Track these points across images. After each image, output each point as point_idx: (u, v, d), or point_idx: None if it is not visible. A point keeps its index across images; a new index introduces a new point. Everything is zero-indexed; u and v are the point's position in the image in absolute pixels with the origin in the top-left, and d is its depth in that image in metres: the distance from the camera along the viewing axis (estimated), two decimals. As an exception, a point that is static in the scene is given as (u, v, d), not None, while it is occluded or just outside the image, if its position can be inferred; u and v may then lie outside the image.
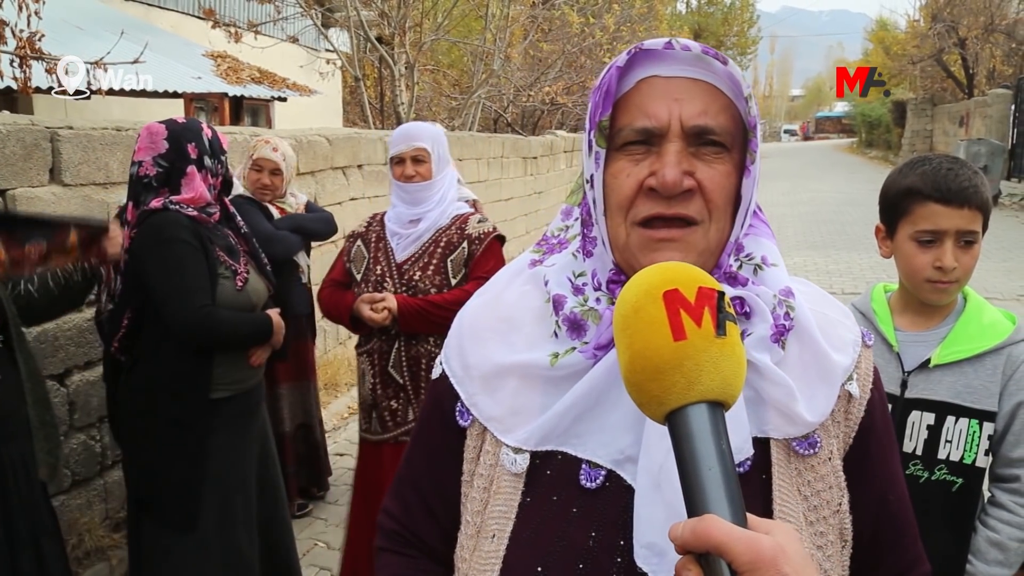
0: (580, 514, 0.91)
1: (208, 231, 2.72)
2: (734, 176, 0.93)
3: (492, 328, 1.03)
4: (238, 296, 2.72)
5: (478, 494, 0.98)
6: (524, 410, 0.96)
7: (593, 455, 0.93)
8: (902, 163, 1.89)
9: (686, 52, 0.92)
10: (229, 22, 10.81)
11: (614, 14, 17.91)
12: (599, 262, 0.98)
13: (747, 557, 0.60)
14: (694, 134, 0.91)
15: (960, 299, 1.87)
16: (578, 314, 0.95)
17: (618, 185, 0.93)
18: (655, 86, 0.92)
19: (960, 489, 1.77)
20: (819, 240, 13.06)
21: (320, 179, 6.29)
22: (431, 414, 1.09)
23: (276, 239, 3.88)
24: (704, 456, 0.64)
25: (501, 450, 0.97)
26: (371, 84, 14.87)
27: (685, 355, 0.67)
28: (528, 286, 1.04)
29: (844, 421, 0.98)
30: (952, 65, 27.98)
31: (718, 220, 0.92)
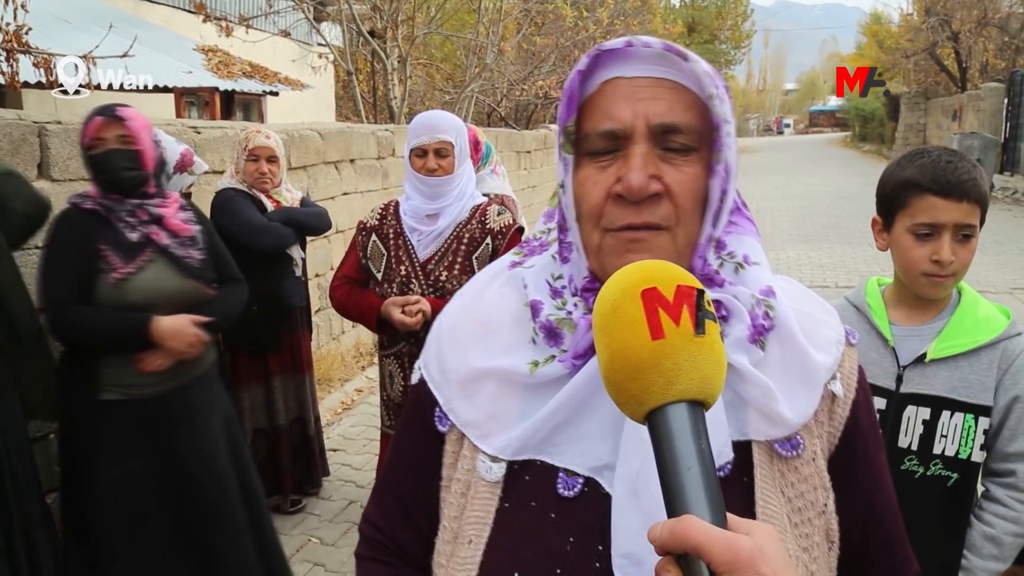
0: (558, 520, 0.91)
1: (103, 224, 2.66)
2: (703, 178, 0.91)
3: (470, 332, 1.02)
4: (113, 293, 2.61)
5: (455, 499, 0.97)
6: (502, 415, 0.95)
7: (571, 463, 0.92)
8: (900, 155, 1.87)
9: (647, 50, 0.90)
10: (220, 16, 10.75)
11: (607, 8, 17.87)
12: (575, 268, 0.97)
13: (725, 558, 0.59)
14: (660, 133, 0.89)
15: (955, 293, 1.85)
16: (553, 322, 0.94)
17: (586, 193, 0.92)
18: (618, 87, 0.91)
19: (955, 484, 1.77)
20: (813, 234, 13.08)
21: (312, 174, 6.26)
22: (410, 420, 1.08)
23: (267, 231, 3.87)
24: (683, 456, 0.64)
25: (478, 457, 0.96)
26: (364, 78, 14.82)
27: (663, 354, 0.66)
28: (507, 288, 1.03)
29: (828, 421, 0.96)
30: (945, 59, 28.01)
31: (686, 224, 0.91)
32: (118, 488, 2.66)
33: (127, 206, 2.70)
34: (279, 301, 4.04)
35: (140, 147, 2.68)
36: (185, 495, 2.74)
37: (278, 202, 4.02)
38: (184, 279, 2.75)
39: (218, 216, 3.90)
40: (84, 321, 2.59)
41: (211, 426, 2.85)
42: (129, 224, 2.69)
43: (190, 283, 2.76)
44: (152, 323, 2.61)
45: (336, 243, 6.71)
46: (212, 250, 2.92)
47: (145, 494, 2.69)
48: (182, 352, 2.67)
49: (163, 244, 2.72)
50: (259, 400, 4.11)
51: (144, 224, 2.70)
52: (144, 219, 2.71)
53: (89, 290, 2.61)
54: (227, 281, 2.97)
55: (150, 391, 2.70)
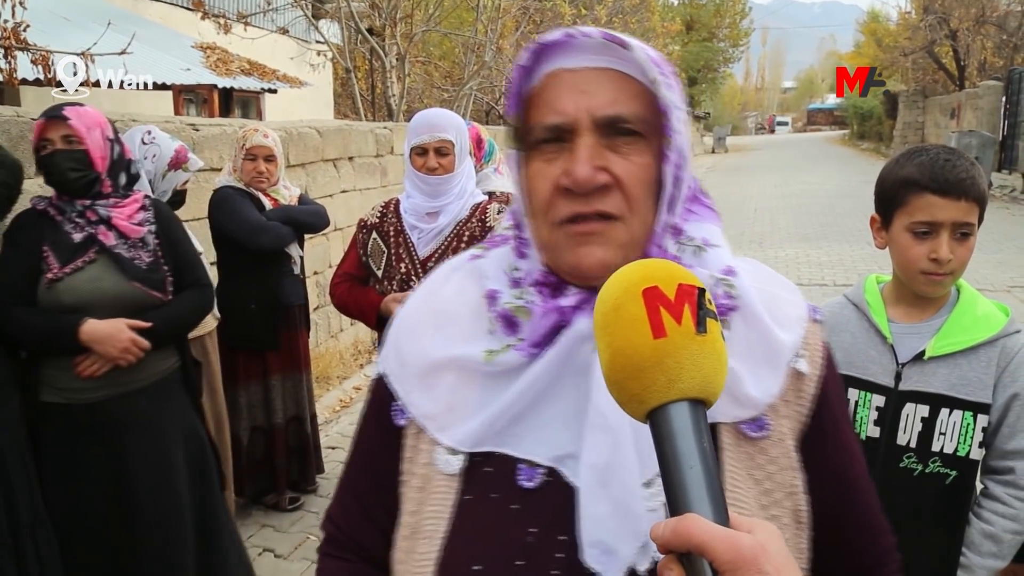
0: (519, 511, 0.90)
1: (50, 225, 2.62)
2: (653, 165, 0.90)
3: (428, 323, 1.01)
4: (47, 294, 2.57)
5: (414, 494, 0.96)
6: (461, 406, 0.95)
7: (531, 454, 0.92)
8: (898, 153, 1.87)
9: (588, 40, 0.89)
10: (219, 13, 10.73)
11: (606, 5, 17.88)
12: (532, 263, 0.97)
13: (728, 556, 0.59)
14: (606, 124, 0.88)
15: (954, 291, 1.86)
16: (510, 311, 0.94)
17: (536, 187, 0.91)
18: (561, 80, 0.90)
19: (954, 482, 1.77)
20: (811, 232, 13.09)
21: (311, 171, 6.26)
22: (369, 414, 1.07)
23: (265, 229, 3.86)
24: (685, 454, 0.64)
25: (435, 450, 0.95)
26: (362, 76, 14.80)
27: (665, 353, 0.66)
28: (466, 280, 1.02)
29: (796, 400, 0.96)
30: (943, 57, 28.02)
31: (639, 212, 0.90)
32: (59, 493, 2.60)
33: (77, 207, 2.62)
34: (277, 299, 4.04)
35: (86, 146, 2.60)
36: (128, 506, 2.65)
37: (276, 200, 4.01)
38: (127, 282, 2.64)
39: (216, 214, 3.90)
40: (20, 322, 2.53)
41: (163, 437, 2.74)
42: (77, 225, 2.62)
43: (133, 286, 2.65)
44: (82, 326, 2.53)
45: (335, 241, 6.71)
46: (173, 253, 2.79)
47: (85, 502, 2.62)
48: (115, 358, 2.56)
49: (108, 245, 2.62)
50: (257, 398, 4.11)
51: (92, 225, 2.62)
52: (92, 220, 2.63)
53: (33, 291, 2.57)
54: (190, 286, 2.84)
55: (90, 396, 2.61)
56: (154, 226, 2.74)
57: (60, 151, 2.58)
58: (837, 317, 1.92)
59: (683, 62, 41.86)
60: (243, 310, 3.94)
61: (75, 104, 2.70)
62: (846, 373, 1.85)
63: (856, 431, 1.83)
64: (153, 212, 2.77)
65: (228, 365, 4.01)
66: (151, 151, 3.33)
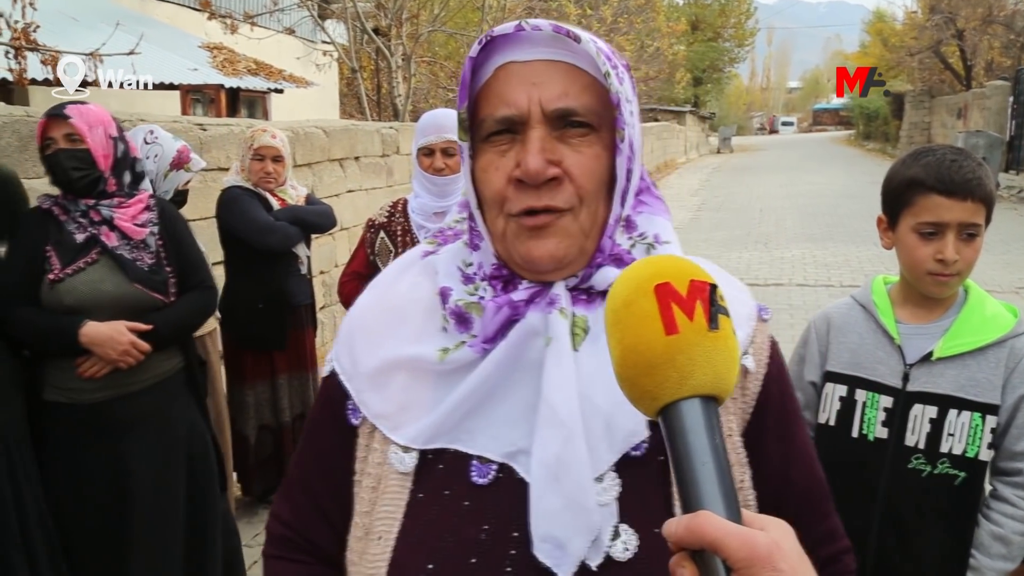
0: (472, 508, 0.90)
1: (55, 225, 2.63)
2: (605, 157, 0.91)
3: (381, 322, 1.01)
4: (49, 295, 2.57)
5: (366, 494, 0.96)
6: (414, 405, 0.95)
7: (483, 450, 0.92)
8: (905, 154, 1.87)
9: (539, 33, 0.89)
10: (225, 13, 10.76)
11: (611, 5, 17.88)
12: (484, 255, 0.97)
13: (742, 554, 0.58)
14: (556, 117, 0.89)
15: (961, 291, 1.85)
16: (462, 307, 0.94)
17: (488, 179, 0.91)
18: (512, 72, 0.90)
19: (963, 483, 1.76)
20: (817, 233, 13.06)
21: (317, 171, 6.27)
22: (321, 413, 1.06)
23: (274, 230, 3.88)
24: (698, 451, 0.63)
25: (389, 448, 0.95)
26: (368, 76, 14.81)
27: (678, 349, 0.65)
28: (419, 278, 1.02)
29: (741, 397, 0.97)
30: (950, 57, 27.94)
31: (590, 204, 0.91)
32: (61, 491, 2.61)
33: (81, 206, 2.63)
34: (285, 299, 4.06)
35: (88, 145, 2.59)
36: (127, 506, 2.65)
37: (284, 200, 4.02)
38: (128, 283, 2.63)
39: (224, 214, 3.92)
40: (22, 322, 2.53)
41: (164, 437, 2.73)
42: (80, 225, 2.62)
43: (134, 288, 2.64)
44: (82, 328, 2.53)
45: (341, 240, 6.73)
46: (177, 254, 2.78)
47: (85, 500, 2.63)
48: (115, 360, 2.57)
49: (110, 246, 2.62)
50: (265, 397, 4.12)
51: (95, 225, 2.62)
52: (96, 220, 2.63)
53: (36, 291, 2.57)
54: (193, 287, 2.83)
55: (91, 397, 2.62)
56: (157, 227, 2.73)
57: (63, 150, 2.58)
58: (844, 318, 1.92)
59: (688, 62, 41.83)
60: (251, 310, 3.95)
61: (78, 103, 2.69)
62: (853, 374, 1.86)
63: (864, 432, 1.83)
64: (158, 212, 2.76)
65: (235, 364, 4.03)
66: (153, 151, 3.33)
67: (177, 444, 2.77)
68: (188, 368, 2.89)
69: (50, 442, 2.63)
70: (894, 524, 1.81)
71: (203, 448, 2.88)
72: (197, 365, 2.93)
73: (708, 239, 12.86)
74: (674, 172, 27.86)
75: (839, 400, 1.87)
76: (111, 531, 2.66)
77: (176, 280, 2.77)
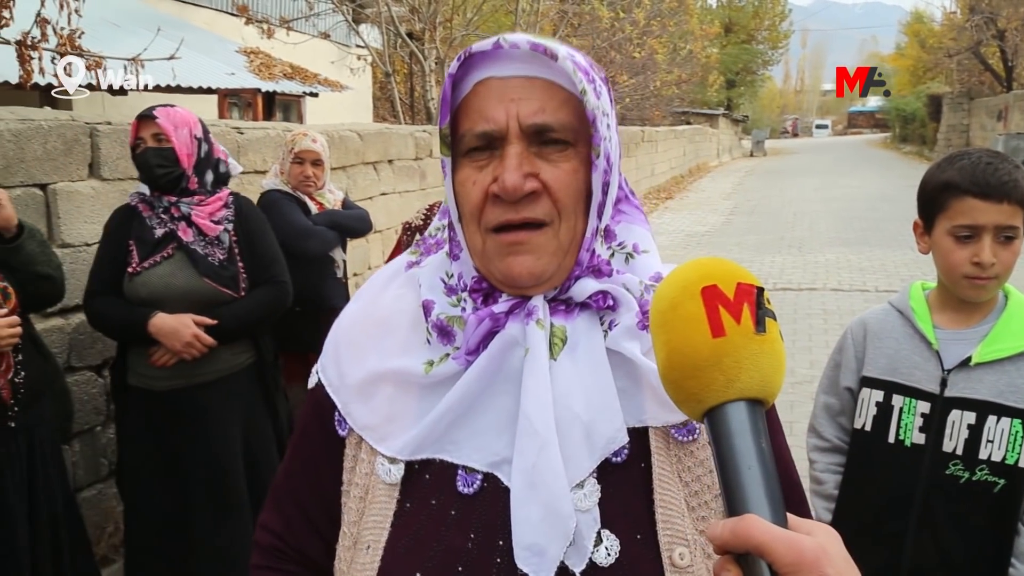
0: (459, 517, 0.91)
1: (138, 220, 2.78)
2: (582, 172, 0.91)
3: (367, 334, 1.01)
4: (129, 287, 2.74)
5: (354, 504, 0.97)
6: (399, 417, 0.96)
7: (469, 460, 0.92)
8: (941, 157, 1.86)
9: (517, 51, 0.89)
10: (262, 19, 10.91)
11: (644, 8, 17.84)
12: (464, 266, 0.98)
13: (789, 558, 0.58)
14: (533, 133, 0.89)
15: (1001, 296, 1.83)
16: (444, 320, 0.95)
17: (466, 193, 0.92)
18: (491, 88, 0.91)
19: (1002, 490, 1.74)
20: (852, 237, 12.91)
21: (351, 174, 6.34)
22: (309, 424, 1.07)
23: (312, 234, 3.91)
24: (743, 455, 0.63)
25: (376, 460, 0.96)
26: (401, 80, 14.93)
27: (724, 352, 0.65)
28: (404, 289, 1.02)
29: None
30: (990, 58, 27.48)
31: (568, 218, 0.91)
32: (129, 469, 2.84)
33: (164, 203, 2.79)
34: (322, 302, 4.10)
35: (172, 144, 2.75)
36: (185, 495, 2.81)
37: (322, 204, 4.05)
38: (199, 278, 2.77)
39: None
40: (101, 312, 2.74)
41: (221, 430, 2.84)
42: (161, 220, 2.77)
43: (203, 282, 2.77)
44: (151, 320, 2.68)
45: (374, 243, 6.78)
46: (251, 249, 2.90)
47: (148, 483, 2.82)
48: (179, 351, 2.70)
49: (185, 241, 2.77)
50: (301, 398, 4.16)
51: (174, 221, 2.78)
52: (176, 216, 2.78)
53: (119, 283, 2.75)
54: (265, 283, 2.94)
55: (161, 385, 2.79)
56: (232, 224, 2.87)
57: (150, 148, 2.75)
58: (881, 324, 1.91)
59: (721, 65, 41.53)
60: (288, 312, 4.00)
61: (167, 105, 2.86)
62: (890, 379, 1.84)
63: (901, 438, 1.82)
64: (235, 209, 2.91)
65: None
66: None
67: (233, 440, 2.87)
68: (259, 364, 2.98)
69: (127, 423, 2.83)
70: (931, 530, 1.79)
71: (262, 445, 2.96)
72: (271, 361, 3.03)
73: (740, 243, 12.77)
74: (706, 175, 27.69)
75: (875, 406, 1.86)
76: (173, 518, 2.81)
77: (248, 276, 2.89)
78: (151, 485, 2.80)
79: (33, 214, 3.27)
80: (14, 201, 3.16)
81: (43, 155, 3.30)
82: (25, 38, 4.44)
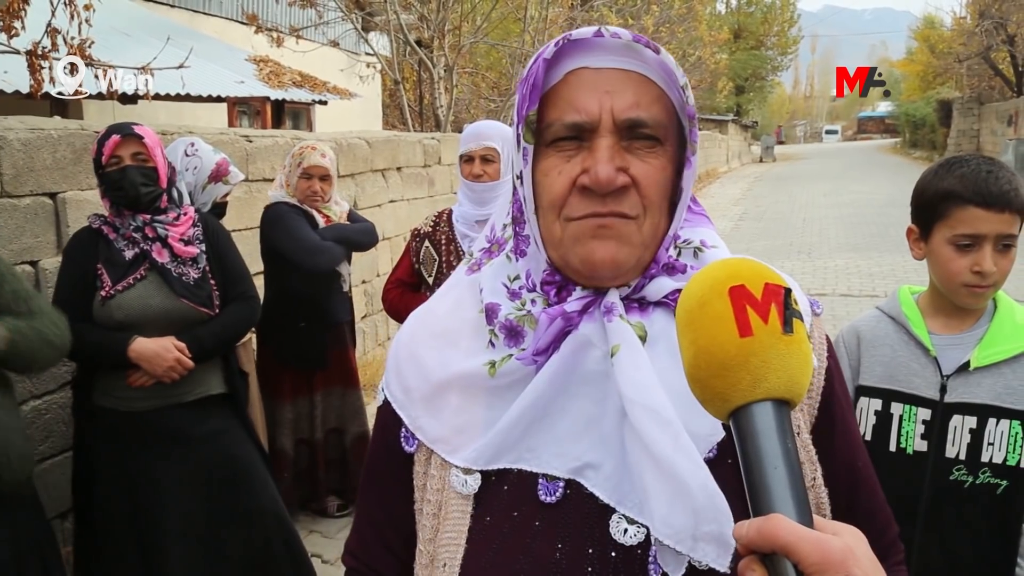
0: (544, 527, 0.89)
1: (105, 242, 2.74)
2: (669, 169, 0.91)
3: (428, 345, 0.99)
4: (101, 311, 2.69)
5: (428, 521, 0.95)
6: (469, 427, 0.94)
7: (549, 468, 0.90)
8: (936, 164, 1.86)
9: (616, 41, 0.88)
10: (271, 27, 10.96)
11: (653, 15, 17.84)
12: (533, 262, 0.96)
13: (815, 558, 0.58)
14: (626, 127, 0.88)
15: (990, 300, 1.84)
16: (514, 320, 0.93)
17: (549, 183, 0.90)
18: (584, 78, 0.89)
19: (1005, 491, 1.75)
20: (861, 242, 12.87)
21: (360, 181, 6.36)
22: (377, 443, 1.06)
23: (322, 250, 3.88)
24: (769, 455, 0.63)
25: (450, 472, 0.94)
26: (410, 87, 14.97)
27: (751, 352, 0.65)
28: (464, 295, 1.01)
29: (807, 394, 0.96)
30: (1001, 63, 27.36)
31: (653, 215, 0.90)
32: (94, 491, 2.74)
33: (135, 223, 2.75)
34: (327, 317, 4.09)
35: (155, 163, 2.75)
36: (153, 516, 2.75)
37: (328, 217, 4.02)
38: (175, 298, 2.75)
39: (270, 232, 3.92)
40: (75, 340, 2.58)
41: (196, 451, 2.80)
42: (131, 241, 2.74)
43: (180, 302, 2.75)
44: (131, 345, 2.65)
45: (383, 250, 6.80)
46: (220, 266, 2.89)
47: (113, 504, 2.74)
48: (160, 375, 2.69)
49: (159, 262, 2.74)
50: (305, 412, 4.16)
51: (147, 241, 2.74)
52: (149, 236, 2.75)
53: (87, 308, 2.69)
54: (235, 299, 2.94)
55: (139, 406, 2.74)
56: (203, 244, 2.85)
57: (132, 167, 2.71)
58: (874, 331, 1.90)
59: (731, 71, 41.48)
60: (293, 328, 4.00)
61: (137, 124, 2.82)
62: (888, 387, 1.84)
63: (902, 446, 1.81)
64: (203, 228, 2.89)
65: (276, 381, 4.07)
66: (192, 163, 3.41)
67: (207, 461, 2.83)
68: (230, 381, 2.96)
69: (93, 445, 2.75)
70: (938, 537, 1.79)
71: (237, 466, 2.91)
72: (238, 377, 3.01)
73: (750, 248, 12.74)
74: (716, 181, 27.65)
75: (874, 415, 1.85)
76: (137, 539, 2.74)
77: (219, 292, 2.87)
78: (115, 507, 2.74)
79: (43, 223, 3.30)
80: (24, 210, 3.20)
81: (52, 164, 3.33)
82: (35, 48, 4.48)
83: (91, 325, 2.68)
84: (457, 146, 3.13)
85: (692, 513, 0.82)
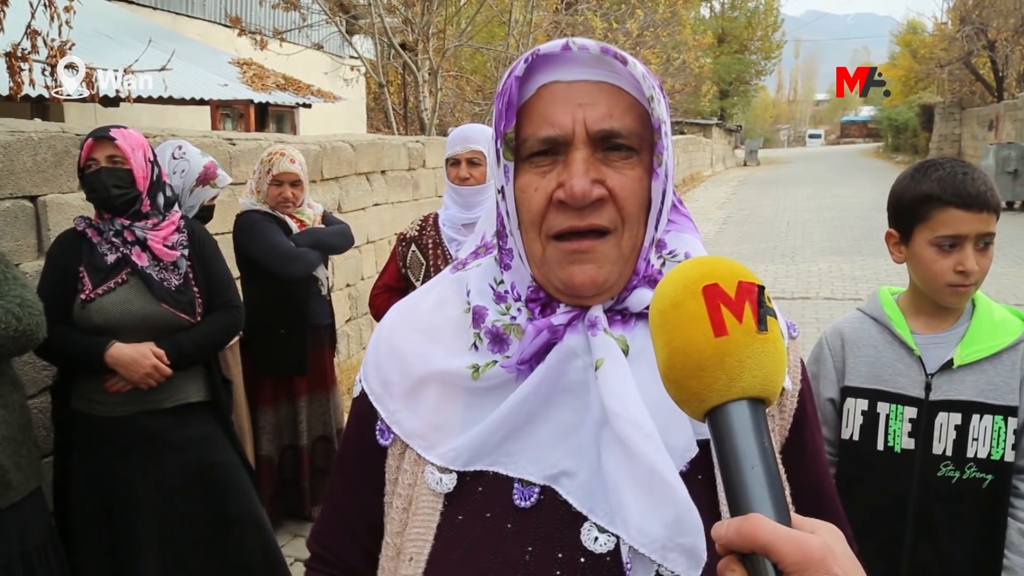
0: (515, 530, 0.90)
1: (88, 245, 2.71)
2: (646, 179, 0.90)
3: (409, 340, 1.00)
4: (80, 315, 2.66)
5: (397, 515, 0.96)
6: (446, 425, 0.94)
7: (525, 473, 0.91)
8: (910, 168, 1.90)
9: (585, 53, 0.88)
10: (255, 30, 10.94)
11: (637, 19, 17.92)
12: (517, 275, 0.96)
13: (795, 557, 0.57)
14: (600, 139, 0.88)
15: None
16: (500, 328, 0.93)
17: (527, 199, 0.90)
18: (556, 92, 0.89)
19: (991, 485, 1.78)
20: (845, 246, 12.96)
21: (344, 185, 6.34)
22: (351, 434, 1.06)
23: (296, 257, 3.84)
24: (746, 454, 0.62)
25: (425, 469, 0.94)
26: (395, 90, 14.96)
27: (726, 351, 0.64)
28: (447, 293, 1.01)
29: (779, 414, 0.97)
30: (981, 68, 27.66)
31: (631, 226, 0.90)
32: (81, 497, 2.71)
33: (116, 226, 2.72)
34: (305, 322, 4.05)
35: (130, 166, 2.70)
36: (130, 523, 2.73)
37: (302, 222, 3.97)
38: (156, 304, 2.71)
39: (243, 240, 3.87)
40: (53, 341, 2.56)
41: (173, 458, 2.77)
42: (112, 245, 2.71)
43: (161, 308, 2.72)
44: (108, 350, 2.62)
45: (367, 254, 6.78)
46: (205, 274, 2.86)
47: (91, 506, 2.72)
48: (137, 382, 2.66)
49: (140, 266, 2.71)
50: (286, 418, 4.13)
51: (127, 245, 2.71)
52: (129, 240, 2.72)
53: (68, 311, 2.66)
54: (220, 307, 2.90)
55: (116, 411, 2.71)
56: (187, 249, 2.82)
57: (104, 169, 2.68)
58: (857, 332, 1.93)
59: (715, 75, 41.74)
60: (272, 335, 3.95)
61: (119, 126, 2.80)
62: (874, 387, 1.87)
63: (890, 444, 1.83)
64: (188, 233, 2.85)
65: (256, 387, 4.03)
66: (180, 166, 3.37)
67: (187, 468, 2.80)
68: (212, 389, 2.93)
69: (73, 448, 2.72)
70: (928, 533, 1.82)
71: (222, 473, 2.89)
72: (221, 385, 2.98)
73: (734, 252, 12.80)
74: (700, 185, 27.77)
75: (861, 415, 1.88)
76: (112, 542, 2.72)
77: (203, 300, 2.84)
78: (90, 512, 2.71)
79: (23, 226, 3.27)
80: (3, 213, 3.17)
81: (33, 167, 3.30)
82: (15, 50, 4.44)
83: (70, 328, 2.65)
84: (442, 149, 3.12)
85: (668, 524, 0.83)
